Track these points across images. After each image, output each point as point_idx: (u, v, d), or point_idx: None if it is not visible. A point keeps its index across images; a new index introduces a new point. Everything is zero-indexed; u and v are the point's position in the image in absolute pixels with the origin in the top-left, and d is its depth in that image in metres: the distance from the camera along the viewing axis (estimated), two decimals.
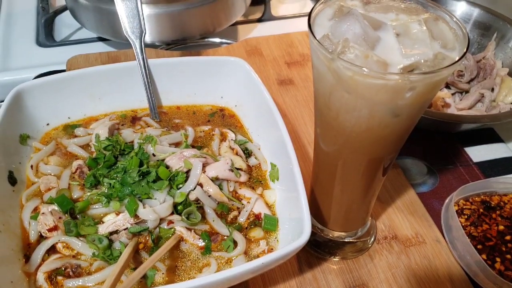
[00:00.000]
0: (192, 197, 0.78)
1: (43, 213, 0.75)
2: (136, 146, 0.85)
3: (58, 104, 0.92)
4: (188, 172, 0.81)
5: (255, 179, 0.87)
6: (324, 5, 0.63)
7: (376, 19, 0.60)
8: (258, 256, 0.74)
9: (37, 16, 1.45)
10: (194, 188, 0.79)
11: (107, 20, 1.21)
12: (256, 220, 0.80)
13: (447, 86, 1.15)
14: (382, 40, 0.58)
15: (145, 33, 0.94)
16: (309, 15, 0.60)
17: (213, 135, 0.93)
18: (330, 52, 0.56)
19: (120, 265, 0.67)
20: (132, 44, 0.93)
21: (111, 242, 0.74)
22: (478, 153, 1.05)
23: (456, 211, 0.85)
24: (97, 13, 1.22)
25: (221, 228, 0.77)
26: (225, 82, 0.97)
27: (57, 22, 1.42)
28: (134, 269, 0.71)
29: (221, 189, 0.81)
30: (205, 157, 0.83)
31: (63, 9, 1.40)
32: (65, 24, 1.41)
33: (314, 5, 0.62)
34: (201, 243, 0.76)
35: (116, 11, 1.17)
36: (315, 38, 0.57)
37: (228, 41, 1.37)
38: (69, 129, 0.93)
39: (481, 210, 0.87)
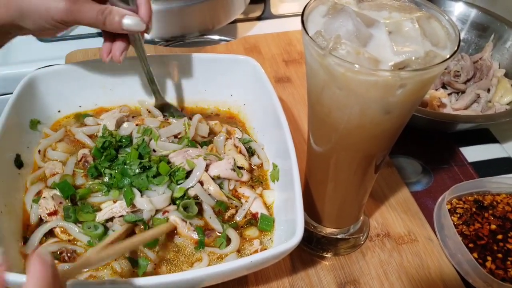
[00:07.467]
0: (191, 193, 0.79)
1: (44, 197, 0.76)
2: (134, 138, 0.86)
3: (70, 92, 0.93)
4: (190, 169, 0.81)
5: (256, 178, 0.87)
6: (318, 2, 0.63)
7: (369, 16, 0.60)
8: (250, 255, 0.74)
9: None
10: (194, 185, 0.79)
11: None
12: (252, 219, 0.80)
13: (444, 86, 1.15)
14: (374, 37, 0.58)
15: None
16: (303, 11, 0.61)
17: (219, 132, 0.93)
18: (322, 48, 0.56)
19: (109, 241, 0.68)
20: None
21: (107, 230, 0.75)
22: (473, 153, 1.05)
23: (449, 210, 0.86)
24: None
25: (216, 224, 0.78)
26: (236, 81, 0.97)
27: None
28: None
29: (221, 187, 0.82)
30: (210, 160, 0.83)
31: None
32: None
33: (308, 2, 0.63)
34: (195, 236, 0.76)
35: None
36: (308, 34, 0.58)
37: (227, 39, 1.37)
38: (80, 117, 0.94)
39: (473, 209, 0.87)
